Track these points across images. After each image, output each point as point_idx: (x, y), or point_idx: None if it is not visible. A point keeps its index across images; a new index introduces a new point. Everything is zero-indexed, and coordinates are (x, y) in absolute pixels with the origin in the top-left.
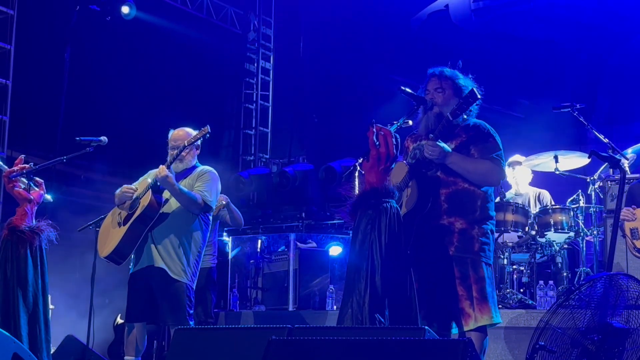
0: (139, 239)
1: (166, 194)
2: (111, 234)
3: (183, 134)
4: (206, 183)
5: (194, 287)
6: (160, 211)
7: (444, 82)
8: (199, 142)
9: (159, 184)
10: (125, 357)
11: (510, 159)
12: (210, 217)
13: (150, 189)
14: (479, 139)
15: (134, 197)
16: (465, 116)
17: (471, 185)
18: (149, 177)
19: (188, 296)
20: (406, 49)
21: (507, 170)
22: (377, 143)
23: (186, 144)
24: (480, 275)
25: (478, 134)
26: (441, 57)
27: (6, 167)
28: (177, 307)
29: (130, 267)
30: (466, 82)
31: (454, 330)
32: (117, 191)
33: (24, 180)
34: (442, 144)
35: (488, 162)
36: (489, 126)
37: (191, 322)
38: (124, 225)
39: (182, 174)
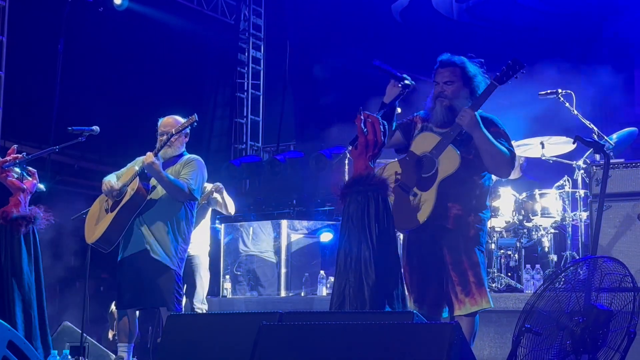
0: (126, 225)
1: (153, 181)
2: (100, 219)
3: (172, 121)
4: (192, 171)
5: (182, 275)
6: (148, 198)
7: (453, 73)
8: (187, 130)
9: (145, 171)
10: (119, 344)
11: None
12: (196, 207)
13: (137, 176)
14: (496, 132)
15: (121, 185)
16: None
17: (473, 174)
18: (136, 165)
19: (177, 282)
20: (389, 36)
21: None
22: (365, 130)
23: (174, 132)
24: (475, 260)
25: (492, 125)
26: (423, 44)
27: None
28: (166, 292)
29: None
30: (474, 70)
31: (444, 314)
32: (105, 182)
33: (17, 169)
34: (477, 116)
35: (508, 152)
36: (499, 120)
37: (179, 309)
38: (112, 212)
39: (170, 162)
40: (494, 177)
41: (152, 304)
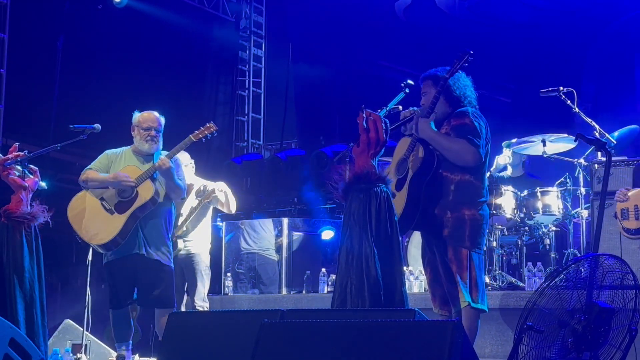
0: (132, 228)
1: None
2: (103, 220)
3: (155, 116)
4: (180, 170)
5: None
6: None
7: (426, 85)
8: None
9: (160, 174)
10: (117, 344)
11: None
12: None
13: (149, 179)
14: (458, 120)
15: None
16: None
17: (443, 170)
18: (124, 160)
19: (173, 279)
20: (391, 34)
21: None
22: (367, 128)
23: (193, 139)
24: (450, 257)
25: (458, 116)
26: (426, 42)
27: (0, 155)
28: (167, 290)
29: (104, 255)
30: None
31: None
32: (110, 177)
33: (19, 167)
34: (425, 120)
35: (462, 141)
36: (474, 112)
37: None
38: (120, 213)
39: (150, 157)
40: (489, 173)
41: (157, 304)
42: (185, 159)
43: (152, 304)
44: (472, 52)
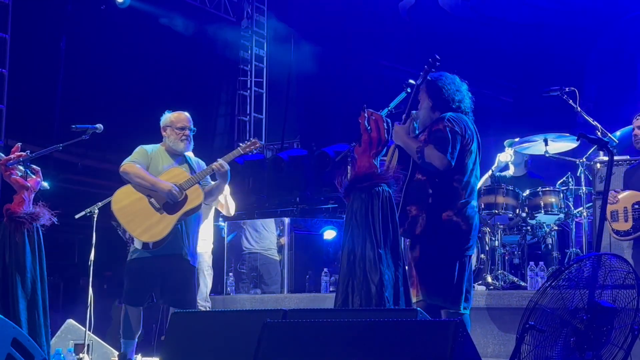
0: (177, 228)
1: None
2: (153, 218)
3: (188, 116)
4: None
5: None
6: None
7: (416, 93)
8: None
9: (218, 176)
10: (124, 340)
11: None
12: None
13: (198, 183)
14: (434, 126)
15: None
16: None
17: (418, 173)
18: (162, 160)
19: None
20: (395, 34)
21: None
22: (369, 128)
23: (242, 152)
24: (415, 255)
25: (436, 122)
26: (430, 42)
27: (3, 155)
28: (193, 291)
29: (133, 251)
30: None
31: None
32: (165, 187)
33: (21, 168)
34: (401, 126)
35: (430, 146)
36: (451, 117)
37: None
38: (170, 213)
39: (181, 158)
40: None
41: (184, 305)
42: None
43: (180, 305)
44: (439, 57)
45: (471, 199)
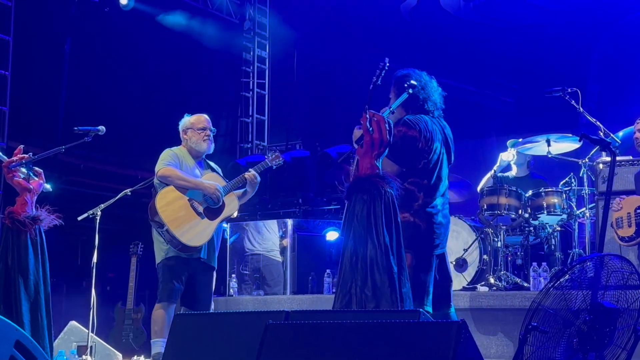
0: None
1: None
2: (197, 222)
3: (207, 117)
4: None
5: None
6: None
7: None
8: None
9: (248, 186)
10: (156, 340)
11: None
12: None
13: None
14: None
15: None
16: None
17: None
18: (186, 162)
19: None
20: (397, 35)
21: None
22: (371, 129)
23: (269, 164)
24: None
25: (395, 124)
26: (431, 43)
27: (5, 157)
28: (211, 297)
29: (166, 250)
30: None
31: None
32: (211, 187)
33: (23, 170)
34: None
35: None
36: (406, 120)
37: None
38: (210, 219)
39: (200, 161)
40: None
41: (204, 307)
42: None
43: (201, 307)
44: (387, 61)
45: (431, 199)
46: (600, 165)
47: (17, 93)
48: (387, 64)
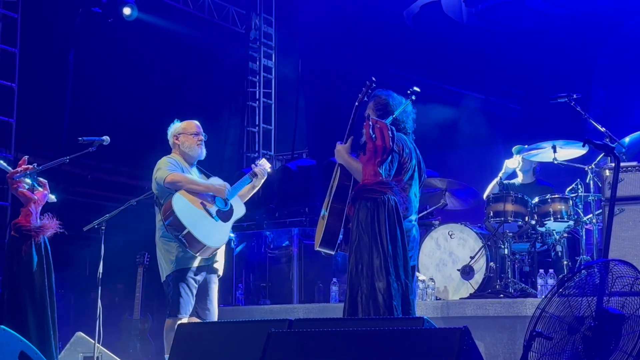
0: None
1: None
2: (213, 225)
3: (197, 123)
4: None
5: None
6: None
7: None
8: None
9: (255, 186)
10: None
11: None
12: None
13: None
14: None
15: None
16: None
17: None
18: (183, 167)
19: None
20: (400, 42)
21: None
22: (374, 136)
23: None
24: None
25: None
26: (435, 50)
27: (10, 168)
28: (216, 305)
29: (175, 260)
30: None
31: None
32: (221, 185)
33: (28, 180)
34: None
35: (360, 165)
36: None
37: None
38: (224, 221)
39: (192, 166)
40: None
41: (212, 316)
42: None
43: (206, 317)
44: (374, 79)
45: (408, 213)
46: (607, 172)
47: (23, 104)
48: (374, 83)
